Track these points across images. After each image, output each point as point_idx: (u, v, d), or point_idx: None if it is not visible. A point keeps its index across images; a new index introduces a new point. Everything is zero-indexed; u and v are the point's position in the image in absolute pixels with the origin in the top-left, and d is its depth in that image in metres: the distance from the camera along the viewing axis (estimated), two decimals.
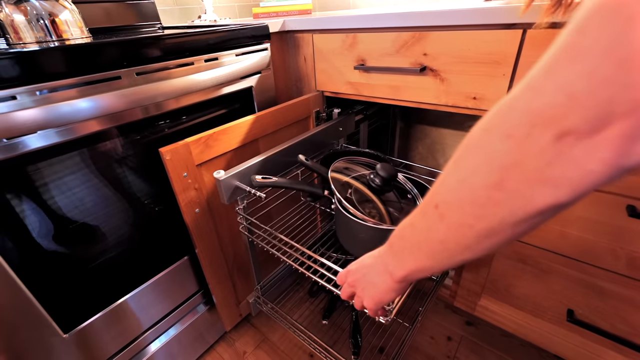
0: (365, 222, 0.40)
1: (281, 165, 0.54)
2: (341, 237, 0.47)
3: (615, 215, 0.40)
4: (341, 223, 0.45)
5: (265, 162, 0.50)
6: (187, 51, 0.46)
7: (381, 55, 0.51)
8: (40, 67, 0.34)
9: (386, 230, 0.39)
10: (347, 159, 0.51)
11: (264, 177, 0.45)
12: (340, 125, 0.65)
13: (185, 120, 0.50)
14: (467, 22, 0.42)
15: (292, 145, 0.54)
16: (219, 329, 0.65)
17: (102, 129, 0.40)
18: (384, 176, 0.44)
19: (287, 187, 0.46)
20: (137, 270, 0.50)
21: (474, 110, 0.47)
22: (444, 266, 0.18)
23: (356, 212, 0.40)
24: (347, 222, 0.42)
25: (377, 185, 0.45)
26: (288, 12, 0.71)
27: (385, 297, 0.24)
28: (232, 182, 0.45)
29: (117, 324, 0.48)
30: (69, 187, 0.39)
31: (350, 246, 0.46)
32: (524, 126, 0.12)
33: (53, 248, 0.40)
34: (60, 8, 0.48)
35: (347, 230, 0.44)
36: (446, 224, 0.16)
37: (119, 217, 0.45)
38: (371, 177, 0.46)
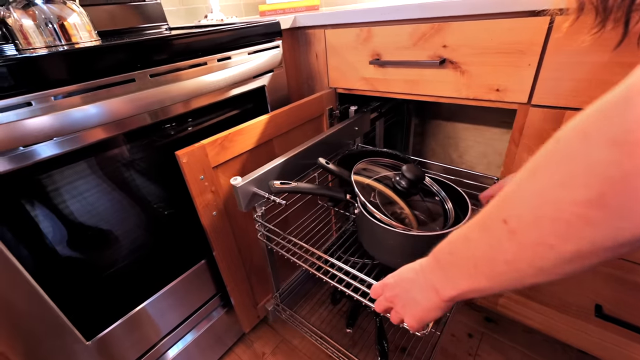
0: (394, 229, 0.37)
1: (298, 168, 0.52)
2: (366, 242, 0.45)
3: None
4: (366, 228, 0.42)
5: (283, 166, 0.48)
6: (199, 51, 0.45)
7: (397, 49, 0.50)
8: (56, 72, 0.33)
9: (416, 237, 0.37)
10: (368, 161, 0.49)
11: (282, 183, 0.43)
12: (356, 125, 0.62)
13: (198, 122, 0.49)
14: (490, 11, 0.40)
15: (309, 147, 0.52)
16: (237, 331, 0.65)
17: (117, 133, 0.39)
18: (411, 178, 0.42)
19: (307, 192, 0.45)
20: (155, 276, 0.49)
21: (497, 102, 0.45)
22: (506, 288, 0.16)
23: (383, 217, 0.38)
24: (372, 228, 0.40)
25: (403, 187, 0.42)
26: (295, 9, 0.70)
27: (429, 315, 0.22)
28: (249, 188, 0.43)
29: (136, 331, 0.48)
30: (83, 193, 0.39)
31: (376, 252, 0.44)
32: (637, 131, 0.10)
33: (72, 255, 0.39)
34: (68, 11, 0.47)
35: (372, 236, 0.42)
36: (517, 243, 0.14)
37: (136, 223, 0.45)
38: (397, 179, 0.43)
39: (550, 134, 0.40)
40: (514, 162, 0.47)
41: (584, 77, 0.37)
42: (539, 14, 0.38)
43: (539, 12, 0.37)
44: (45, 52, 0.34)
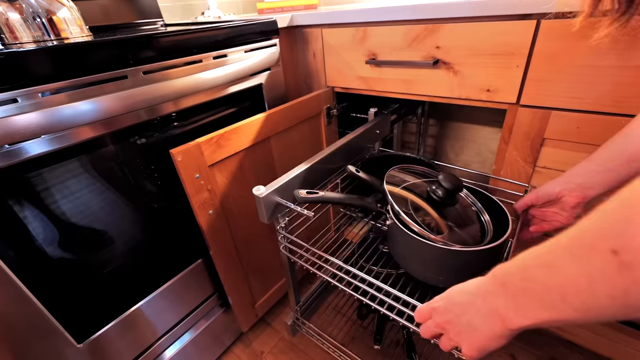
0: (435, 243, 0.34)
1: (320, 174, 0.48)
2: (399, 255, 0.41)
3: None
4: (400, 241, 0.39)
5: (306, 174, 0.45)
6: (194, 48, 0.45)
7: (393, 49, 0.51)
8: (42, 68, 0.32)
9: (459, 253, 0.34)
10: (398, 168, 0.46)
11: (308, 192, 0.40)
12: (377, 128, 0.59)
13: (194, 120, 0.49)
14: (480, 14, 0.41)
15: (332, 153, 0.49)
16: (235, 330, 0.65)
17: (108, 131, 0.38)
18: (448, 188, 0.38)
19: (336, 202, 0.41)
20: (150, 275, 0.49)
21: (488, 102, 0.47)
22: (601, 321, 0.15)
23: (422, 230, 0.35)
24: (409, 242, 0.36)
25: (438, 197, 0.39)
26: (294, 7, 0.70)
27: (491, 344, 0.20)
28: (273, 198, 0.40)
29: (131, 332, 0.47)
30: (74, 193, 0.38)
31: (412, 267, 0.40)
32: None
33: (61, 256, 0.38)
34: (58, 5, 0.46)
35: (408, 249, 0.38)
36: (633, 278, 0.12)
37: (130, 223, 0.44)
38: (432, 188, 0.40)
39: (538, 133, 0.42)
40: (504, 159, 0.48)
41: (569, 78, 0.39)
42: (526, 17, 0.39)
43: (526, 15, 0.39)
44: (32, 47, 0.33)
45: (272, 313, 0.72)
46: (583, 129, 0.40)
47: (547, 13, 0.37)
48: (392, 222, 0.39)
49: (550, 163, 0.45)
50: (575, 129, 0.40)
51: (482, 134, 0.81)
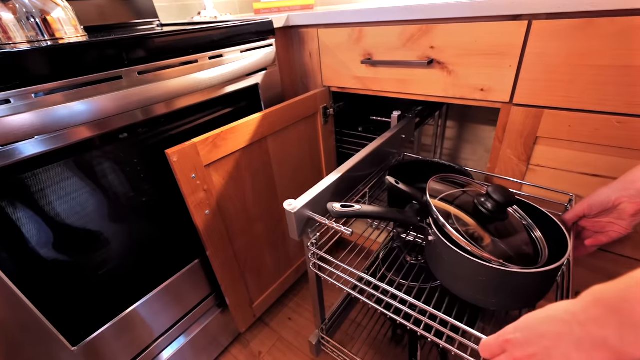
0: (492, 264, 0.30)
1: (348, 184, 0.45)
2: (443, 274, 0.37)
3: None
4: (447, 260, 0.35)
5: (337, 184, 0.42)
6: (190, 48, 0.45)
7: (388, 49, 0.51)
8: (36, 68, 0.32)
9: (519, 275, 0.30)
10: (438, 179, 0.41)
11: (343, 205, 0.36)
12: (402, 132, 0.56)
13: (190, 120, 0.49)
14: (473, 15, 0.42)
15: (360, 161, 0.46)
16: (233, 330, 0.65)
17: (102, 132, 0.38)
18: (499, 201, 0.34)
19: (375, 216, 0.37)
20: (146, 276, 0.48)
21: (482, 102, 0.47)
22: None
23: (476, 249, 0.31)
24: (459, 261, 0.33)
25: (488, 211, 0.35)
26: (290, 7, 0.70)
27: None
28: (305, 213, 0.37)
29: (127, 334, 0.47)
30: (69, 193, 0.38)
31: (460, 288, 0.36)
32: None
33: (56, 258, 0.38)
34: (52, 5, 0.46)
35: (456, 269, 0.34)
36: None
37: (124, 223, 0.44)
38: (481, 200, 0.36)
39: (531, 131, 0.43)
40: (498, 158, 0.49)
41: (559, 78, 0.39)
42: (518, 18, 0.40)
43: (517, 16, 0.40)
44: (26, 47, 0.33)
45: (270, 313, 0.72)
46: (575, 127, 0.41)
47: (539, 14, 0.38)
48: (436, 238, 0.35)
49: (543, 161, 0.45)
50: (567, 128, 0.41)
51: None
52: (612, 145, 0.39)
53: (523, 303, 0.34)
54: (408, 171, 0.53)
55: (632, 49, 0.34)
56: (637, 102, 0.36)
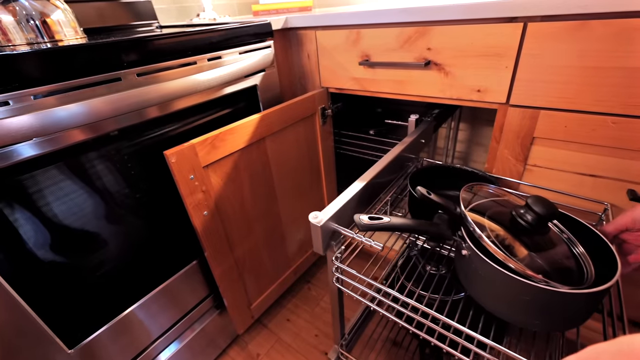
0: (537, 284, 0.28)
1: (370, 192, 0.43)
2: (478, 291, 0.34)
3: None
4: (484, 275, 0.32)
5: (361, 193, 0.39)
6: (189, 50, 0.45)
7: (385, 51, 0.52)
8: (35, 70, 0.32)
9: (567, 295, 0.27)
10: (470, 186, 0.39)
11: (371, 217, 0.33)
12: (422, 137, 0.53)
13: (189, 122, 0.49)
14: (469, 17, 0.42)
15: (384, 168, 0.44)
16: (231, 332, 0.64)
17: (102, 133, 0.38)
18: (541, 213, 0.31)
19: (405, 229, 0.35)
20: (144, 277, 0.48)
21: (479, 102, 0.48)
22: None
23: (520, 266, 0.28)
24: (499, 278, 0.30)
25: (527, 224, 0.32)
26: (288, 9, 0.71)
27: None
28: (331, 226, 0.35)
29: (124, 336, 0.47)
30: (67, 195, 0.37)
31: (497, 306, 0.33)
32: None
33: (53, 259, 0.38)
34: (51, 8, 0.46)
35: (495, 287, 0.31)
36: None
37: (122, 224, 0.44)
38: (519, 212, 0.33)
39: (528, 132, 0.42)
40: (495, 158, 0.49)
41: (555, 79, 0.40)
42: (514, 20, 0.40)
43: (513, 18, 0.40)
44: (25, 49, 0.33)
45: (269, 314, 0.71)
46: (571, 128, 0.41)
47: (534, 16, 0.38)
48: (472, 252, 0.32)
49: (540, 161, 0.46)
50: (563, 128, 0.41)
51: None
52: (608, 145, 0.39)
53: (568, 324, 0.31)
54: (429, 177, 0.51)
55: (626, 50, 0.34)
56: (632, 102, 0.36)
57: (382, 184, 0.45)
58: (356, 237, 0.35)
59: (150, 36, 0.41)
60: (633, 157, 0.39)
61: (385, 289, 0.36)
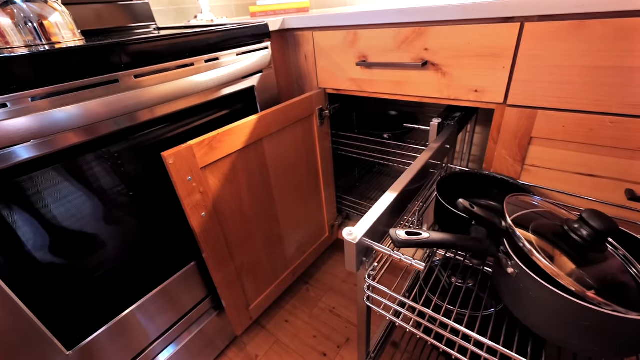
0: (603, 309, 0.25)
1: (399, 203, 0.40)
2: (527, 312, 0.31)
3: None
4: (535, 297, 0.29)
5: (393, 205, 0.37)
6: (186, 52, 0.45)
7: (383, 51, 0.52)
8: (33, 72, 0.32)
9: (636, 322, 0.25)
10: (514, 199, 0.35)
11: (408, 233, 0.31)
12: (447, 142, 0.50)
13: (187, 123, 0.49)
14: (466, 17, 0.42)
15: (414, 177, 0.41)
16: (229, 333, 0.64)
17: (99, 135, 0.38)
18: (599, 229, 0.28)
19: (446, 245, 0.32)
20: (142, 278, 0.48)
21: (476, 102, 0.47)
22: None
23: (579, 288, 0.25)
24: (555, 301, 0.27)
25: (582, 240, 0.29)
26: (286, 10, 0.71)
27: None
28: (366, 242, 0.33)
29: (123, 337, 0.47)
30: (66, 196, 0.38)
31: (551, 330, 0.30)
32: None
33: (51, 261, 0.38)
34: (49, 10, 0.46)
35: (549, 309, 0.28)
36: None
37: (120, 225, 0.44)
38: (573, 226, 0.30)
39: (526, 132, 0.41)
40: (493, 158, 0.49)
41: (552, 79, 0.39)
42: (510, 20, 0.40)
43: (510, 18, 0.40)
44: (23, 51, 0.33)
45: (267, 315, 0.71)
46: (568, 128, 0.41)
47: (531, 16, 0.38)
48: (520, 271, 0.29)
49: (538, 161, 0.45)
50: (561, 128, 0.41)
51: None
52: (606, 145, 0.39)
53: (628, 351, 0.28)
54: (456, 185, 0.48)
55: (624, 49, 0.34)
56: (630, 102, 0.36)
57: (409, 193, 0.41)
58: (394, 255, 0.32)
59: (148, 38, 0.41)
60: (631, 157, 0.38)
61: (421, 308, 0.33)
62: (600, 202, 0.42)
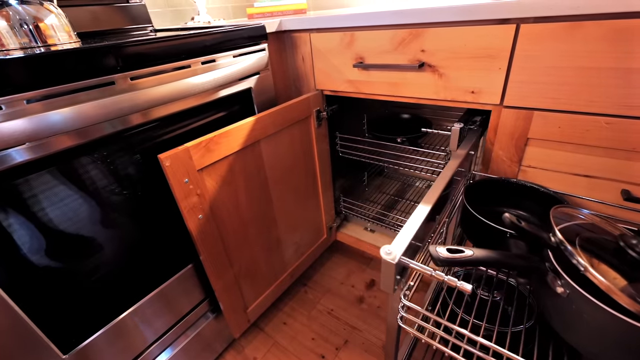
0: None
1: (430, 217, 0.37)
2: (580, 336, 0.28)
3: None
4: (590, 320, 0.26)
5: (427, 220, 0.35)
6: (183, 54, 0.45)
7: (379, 53, 0.52)
8: (28, 75, 0.32)
9: None
10: (559, 212, 0.33)
11: (450, 250, 0.29)
12: (472, 149, 0.48)
13: (184, 125, 0.49)
14: (462, 19, 0.42)
15: (444, 189, 0.39)
16: (227, 336, 0.64)
17: (96, 137, 0.38)
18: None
19: (491, 264, 0.30)
20: (139, 282, 0.48)
21: (473, 104, 0.48)
22: None
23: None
24: (615, 325, 0.25)
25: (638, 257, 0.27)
26: (283, 12, 0.71)
27: None
28: (404, 261, 0.30)
29: (120, 340, 0.46)
30: (62, 199, 0.37)
31: (602, 354, 0.27)
32: None
33: (47, 264, 0.38)
34: (45, 12, 0.46)
35: (604, 332, 0.26)
36: None
37: (117, 228, 0.44)
38: (631, 242, 0.28)
39: (522, 133, 0.40)
40: (490, 159, 0.49)
41: (548, 80, 0.40)
42: (506, 22, 0.40)
43: (506, 20, 0.40)
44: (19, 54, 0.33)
45: (265, 317, 0.71)
46: (564, 129, 0.41)
47: (526, 17, 0.38)
48: (573, 291, 0.27)
49: (535, 162, 0.46)
50: (557, 129, 0.41)
51: None
52: (601, 146, 0.39)
53: None
54: (483, 193, 0.46)
55: (619, 51, 0.34)
56: (626, 103, 0.36)
57: (439, 203, 0.38)
58: (436, 275, 0.29)
59: (143, 40, 0.41)
60: (627, 158, 0.38)
61: (447, 323, 0.31)
62: (597, 202, 0.42)
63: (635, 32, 0.33)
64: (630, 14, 0.33)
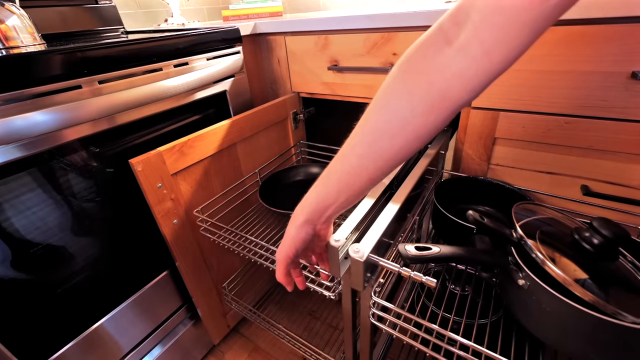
0: (623, 322, 0.24)
1: (399, 215, 0.37)
2: (540, 325, 0.30)
3: None
4: (550, 310, 0.28)
5: (396, 218, 0.34)
6: (154, 56, 0.44)
7: (353, 56, 0.53)
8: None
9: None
10: (520, 208, 0.34)
11: (418, 247, 0.29)
12: (442, 148, 0.48)
13: (157, 129, 0.48)
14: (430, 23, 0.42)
15: (413, 187, 0.38)
16: (206, 342, 0.63)
17: (63, 142, 0.37)
18: (608, 236, 0.28)
19: (457, 260, 0.32)
20: (113, 290, 0.47)
21: None
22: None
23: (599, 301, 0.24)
24: (571, 314, 0.26)
25: (593, 248, 0.28)
26: (259, 15, 0.71)
27: None
28: (372, 259, 0.30)
29: (94, 351, 0.45)
30: (29, 207, 0.36)
31: (565, 343, 0.28)
32: None
33: (12, 276, 0.36)
34: (6, 13, 0.45)
35: (564, 321, 0.27)
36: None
37: (88, 236, 0.42)
38: (584, 235, 0.29)
39: (490, 133, 0.42)
40: (461, 158, 0.51)
41: (511, 82, 0.41)
42: None
43: None
44: None
45: (245, 322, 0.70)
46: (528, 128, 0.43)
47: None
48: (532, 283, 0.28)
49: (502, 160, 0.47)
50: (521, 128, 0.43)
51: None
52: (561, 144, 0.41)
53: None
54: (452, 191, 0.48)
55: (572, 54, 0.36)
56: (580, 103, 0.38)
57: (407, 202, 0.38)
58: (403, 271, 0.30)
59: (111, 43, 0.40)
60: (584, 155, 0.40)
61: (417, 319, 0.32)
62: (559, 198, 0.44)
63: (588, 37, 0.35)
64: (580, 20, 0.35)
